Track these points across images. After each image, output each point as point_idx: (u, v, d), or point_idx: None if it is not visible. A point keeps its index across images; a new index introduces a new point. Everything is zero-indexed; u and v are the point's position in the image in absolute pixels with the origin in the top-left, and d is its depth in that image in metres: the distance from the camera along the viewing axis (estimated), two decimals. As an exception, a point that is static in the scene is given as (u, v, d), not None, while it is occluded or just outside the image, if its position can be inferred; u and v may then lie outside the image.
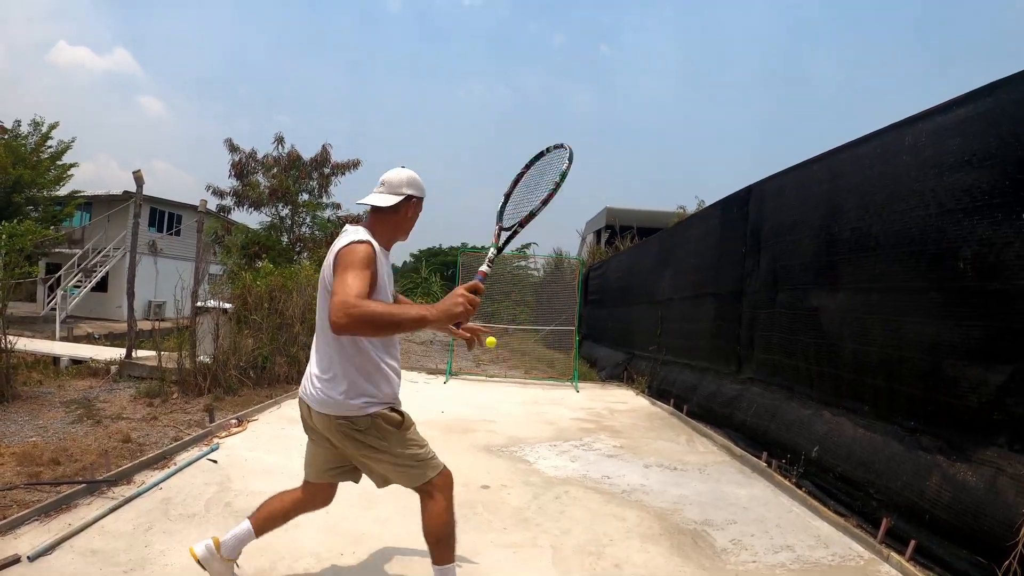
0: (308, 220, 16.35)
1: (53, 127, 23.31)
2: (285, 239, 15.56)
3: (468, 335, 2.67)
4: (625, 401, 8.41)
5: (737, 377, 6.33)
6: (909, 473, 3.56)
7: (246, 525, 2.89)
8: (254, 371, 8.76)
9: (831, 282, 4.71)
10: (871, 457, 3.92)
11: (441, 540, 2.70)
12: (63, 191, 23.49)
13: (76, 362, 10.45)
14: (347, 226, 2.78)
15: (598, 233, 22.17)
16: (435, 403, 8.00)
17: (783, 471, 4.77)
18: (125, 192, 23.82)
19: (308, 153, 16.33)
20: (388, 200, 2.68)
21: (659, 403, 7.99)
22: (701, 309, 7.58)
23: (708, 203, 9.40)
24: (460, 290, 2.37)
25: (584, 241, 24.69)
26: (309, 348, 3.10)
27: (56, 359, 10.85)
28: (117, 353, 10.34)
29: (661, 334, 8.96)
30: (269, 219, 16.20)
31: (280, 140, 15.93)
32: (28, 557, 3.19)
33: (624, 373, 10.03)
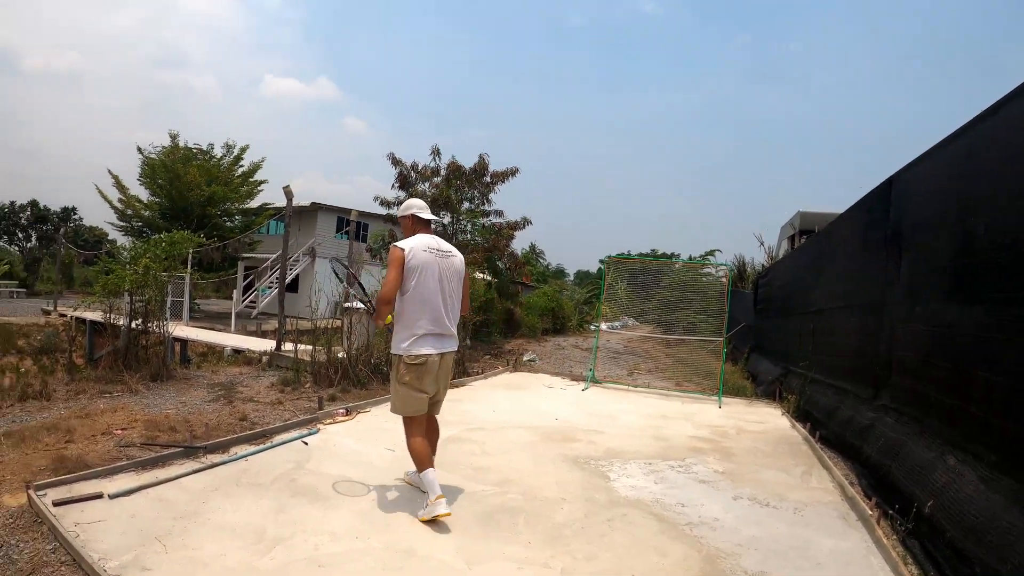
0: (469, 227, 16.66)
1: (244, 149, 26.69)
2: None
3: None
4: (763, 421, 7.52)
5: (873, 403, 5.35)
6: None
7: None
8: (387, 367, 9.02)
9: (966, 293, 3.77)
10: (985, 524, 3.02)
11: (412, 456, 4.05)
12: (254, 204, 26.38)
13: (237, 352, 11.43)
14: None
15: (792, 239, 20.54)
16: (557, 409, 7.79)
17: (891, 524, 3.88)
18: (313, 204, 26.08)
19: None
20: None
21: (798, 426, 7.04)
22: (846, 322, 6.57)
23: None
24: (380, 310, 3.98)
25: (779, 246, 23.12)
26: None
27: (222, 349, 11.98)
28: (270, 345, 11.20)
29: (812, 349, 7.93)
30: (433, 227, 16.71)
31: (436, 152, 16.39)
32: (109, 495, 3.96)
33: (777, 390, 9.03)
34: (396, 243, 4.06)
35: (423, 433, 4.12)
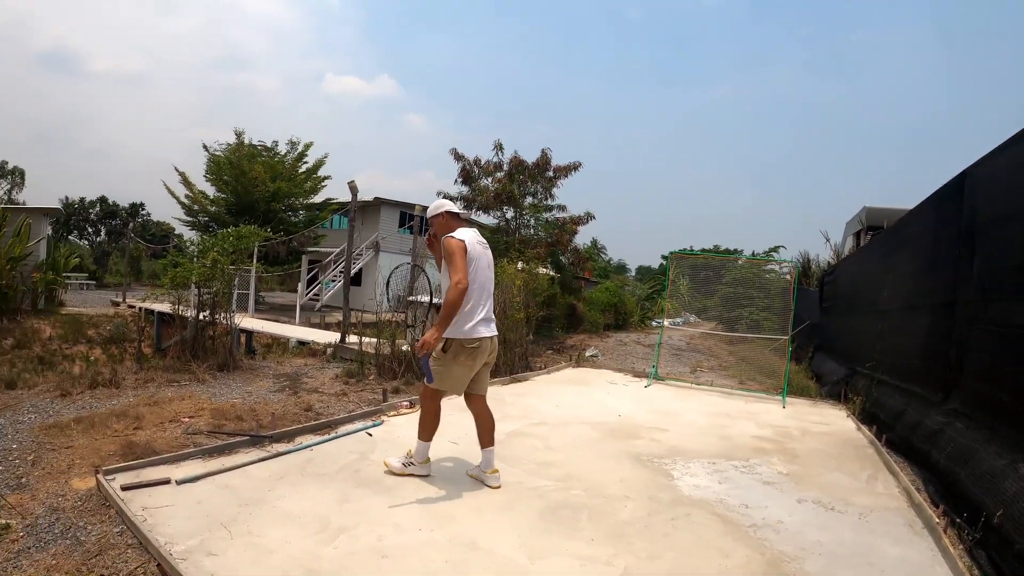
0: (532, 222, 16.76)
1: (308, 146, 27.37)
2: (506, 240, 16.06)
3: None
4: (828, 423, 7.42)
5: (942, 407, 5.26)
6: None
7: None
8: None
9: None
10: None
11: (425, 422, 4.52)
12: (318, 199, 26.89)
13: (302, 343, 11.78)
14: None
15: (857, 235, 19.98)
16: (620, 405, 7.84)
17: (958, 534, 3.86)
18: (376, 199, 26.58)
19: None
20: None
21: (863, 429, 6.94)
22: (916, 321, 6.43)
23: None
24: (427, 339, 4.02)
25: (845, 243, 22.53)
26: (506, 343, 5.66)
27: (287, 340, 12.34)
28: (335, 338, 11.51)
29: (880, 349, 7.78)
30: (496, 221, 16.92)
31: (499, 146, 16.51)
32: (176, 480, 4.10)
33: (842, 391, 8.89)
34: (450, 235, 4.24)
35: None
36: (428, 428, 4.49)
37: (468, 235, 4.29)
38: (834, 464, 5.58)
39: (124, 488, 3.89)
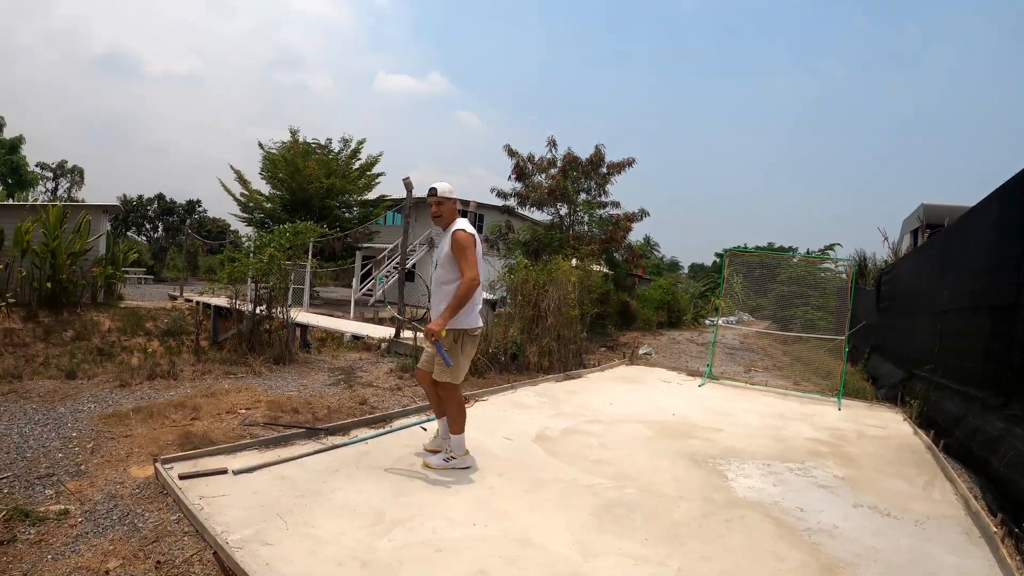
0: (585, 219, 16.77)
1: (361, 143, 27.73)
2: (560, 236, 16.11)
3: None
4: (884, 426, 7.35)
5: (1003, 413, 5.20)
6: None
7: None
8: (505, 357, 9.33)
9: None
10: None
11: (459, 417, 4.65)
12: (372, 195, 27.27)
13: (356, 338, 12.07)
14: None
15: (915, 233, 19.39)
16: (673, 404, 7.91)
17: (1016, 544, 3.85)
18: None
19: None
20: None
21: (920, 433, 6.87)
22: (976, 323, 6.33)
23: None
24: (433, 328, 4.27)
25: (902, 241, 21.87)
26: (560, 340, 5.92)
27: (341, 335, 12.64)
28: (390, 333, 11.77)
29: (939, 352, 7.66)
30: (550, 218, 17.00)
31: (553, 143, 16.54)
32: (233, 471, 4.20)
33: (899, 394, 8.76)
34: (461, 228, 4.48)
35: None
36: (459, 421, 4.65)
37: (471, 227, 4.52)
38: (891, 469, 5.57)
39: (182, 477, 3.99)
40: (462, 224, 4.53)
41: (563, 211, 16.59)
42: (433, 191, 4.59)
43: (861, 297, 15.18)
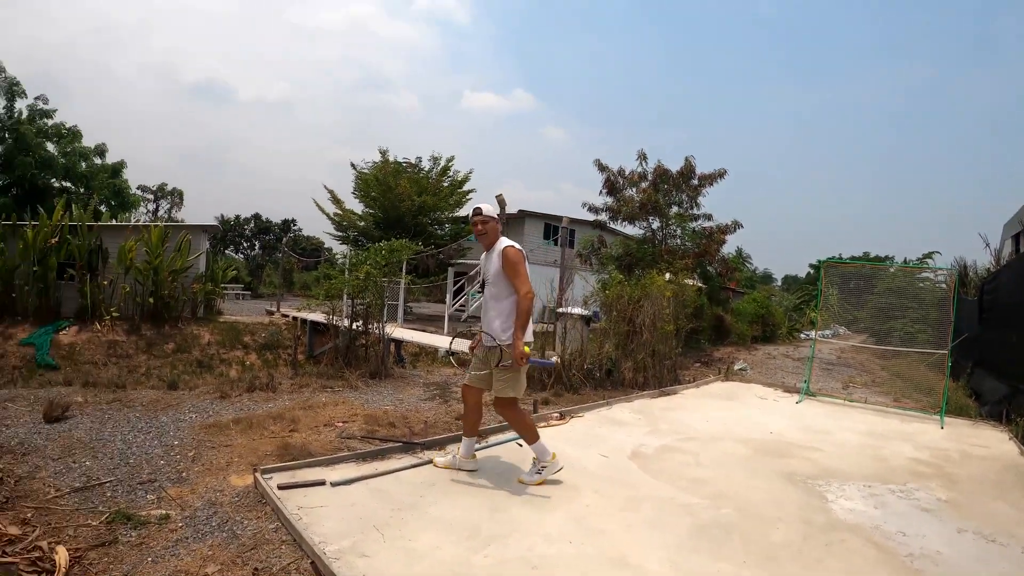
0: (678, 232, 16.71)
1: (451, 160, 28.29)
2: (653, 250, 16.10)
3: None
4: (988, 446, 7.11)
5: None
6: None
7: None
8: (600, 373, 9.51)
9: None
10: None
11: (530, 430, 4.79)
12: (463, 212, 28.04)
13: (452, 354, 12.42)
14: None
15: (1016, 238, 18.23)
16: (770, 422, 7.85)
17: None
18: (520, 211, 27.32)
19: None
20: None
21: (1030, 454, 6.66)
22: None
23: None
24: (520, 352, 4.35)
25: (1003, 246, 20.57)
26: (655, 356, 6.17)
27: (435, 350, 12.96)
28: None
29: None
30: (642, 232, 17.04)
31: (643, 156, 16.56)
32: (331, 483, 4.33)
33: (1004, 411, 8.45)
34: (510, 244, 4.63)
35: None
36: (532, 430, 4.79)
37: (518, 244, 4.68)
38: (997, 493, 5.42)
39: (281, 487, 4.09)
40: (509, 241, 4.66)
41: (655, 225, 16.57)
42: (478, 210, 4.69)
43: (963, 308, 14.53)
